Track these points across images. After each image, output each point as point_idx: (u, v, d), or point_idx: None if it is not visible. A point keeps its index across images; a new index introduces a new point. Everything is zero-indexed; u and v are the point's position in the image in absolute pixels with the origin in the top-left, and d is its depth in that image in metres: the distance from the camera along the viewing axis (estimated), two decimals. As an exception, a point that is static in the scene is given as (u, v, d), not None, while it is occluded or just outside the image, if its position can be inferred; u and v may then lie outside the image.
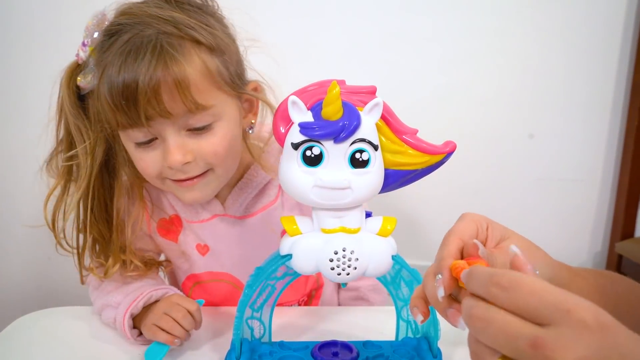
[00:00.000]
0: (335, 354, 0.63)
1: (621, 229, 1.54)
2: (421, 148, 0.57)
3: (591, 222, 1.61)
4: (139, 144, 0.65)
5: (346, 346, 0.64)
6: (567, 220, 1.59)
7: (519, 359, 0.32)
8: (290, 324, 0.75)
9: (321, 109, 0.54)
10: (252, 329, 0.63)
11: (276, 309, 0.64)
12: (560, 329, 0.31)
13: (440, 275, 0.42)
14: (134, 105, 0.60)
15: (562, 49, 1.44)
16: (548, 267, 0.52)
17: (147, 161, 0.66)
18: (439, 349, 0.63)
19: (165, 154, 0.64)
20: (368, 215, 0.60)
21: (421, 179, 0.60)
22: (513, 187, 1.54)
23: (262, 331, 0.64)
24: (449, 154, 0.58)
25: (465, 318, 0.36)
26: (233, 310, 0.63)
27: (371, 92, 0.57)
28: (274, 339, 0.65)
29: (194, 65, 0.63)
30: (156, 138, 0.65)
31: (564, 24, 1.42)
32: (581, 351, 0.30)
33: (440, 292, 0.41)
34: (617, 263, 1.55)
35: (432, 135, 0.59)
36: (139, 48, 0.61)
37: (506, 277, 0.34)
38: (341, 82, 0.56)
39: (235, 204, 0.78)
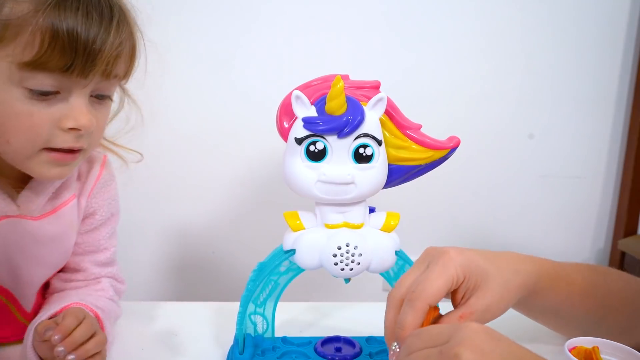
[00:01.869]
0: (339, 350, 0.63)
1: (624, 226, 1.54)
2: (425, 143, 0.57)
3: (594, 219, 1.61)
4: (38, 94, 0.52)
5: (349, 342, 0.64)
6: (570, 217, 1.58)
7: None
8: (293, 319, 0.75)
9: (325, 103, 0.54)
10: (255, 324, 0.63)
11: (279, 304, 0.64)
12: (458, 335, 0.38)
13: (396, 345, 0.46)
14: (91, 52, 0.51)
15: (565, 45, 1.43)
16: (533, 274, 0.54)
17: (42, 117, 0.52)
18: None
19: (73, 114, 0.53)
20: (371, 210, 0.60)
21: (425, 174, 0.60)
22: (516, 184, 1.53)
23: (265, 326, 0.64)
24: (453, 149, 0.58)
25: None
26: (236, 305, 0.63)
27: (375, 87, 0.57)
28: (277, 335, 0.65)
29: (137, 39, 0.59)
30: (58, 92, 0.53)
31: (567, 20, 1.41)
32: (477, 342, 0.37)
33: None
34: (620, 260, 1.55)
35: (434, 133, 0.59)
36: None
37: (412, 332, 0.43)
38: (345, 77, 0.56)
39: (32, 203, 0.61)
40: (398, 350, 0.46)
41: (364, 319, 0.75)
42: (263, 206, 1.29)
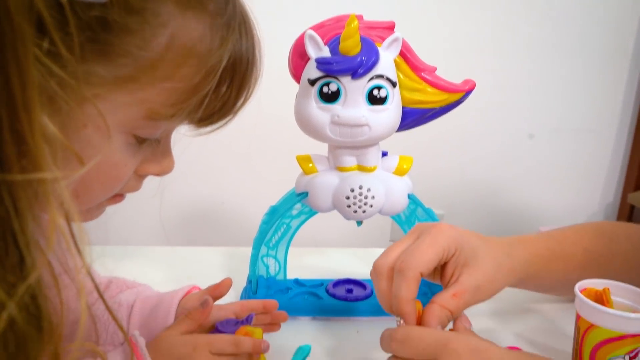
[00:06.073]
0: (350, 291, 0.64)
1: (634, 180, 1.53)
2: (440, 86, 0.56)
3: (605, 173, 1.60)
4: (138, 143, 0.37)
5: (360, 284, 0.65)
6: (581, 171, 1.58)
7: None
8: (304, 264, 0.76)
9: (339, 43, 0.53)
10: (267, 267, 0.64)
11: (290, 249, 0.65)
12: None
13: (400, 319, 0.46)
14: (240, 88, 0.37)
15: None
16: (524, 261, 0.53)
17: (130, 167, 0.38)
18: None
19: (161, 160, 0.40)
20: (384, 154, 0.59)
21: (437, 119, 0.59)
22: (527, 138, 1.52)
23: (277, 269, 0.65)
24: (468, 92, 0.57)
25: None
26: (247, 251, 0.63)
27: (390, 27, 0.56)
28: (288, 277, 0.66)
29: None
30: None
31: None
32: None
33: None
34: (629, 214, 1.55)
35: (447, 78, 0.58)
36: (247, 18, 0.38)
37: (399, 332, 0.42)
38: (359, 17, 0.55)
39: None
40: (401, 322, 0.45)
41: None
42: (273, 155, 1.28)
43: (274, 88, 0.98)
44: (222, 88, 0.35)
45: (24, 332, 0.26)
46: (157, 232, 1.35)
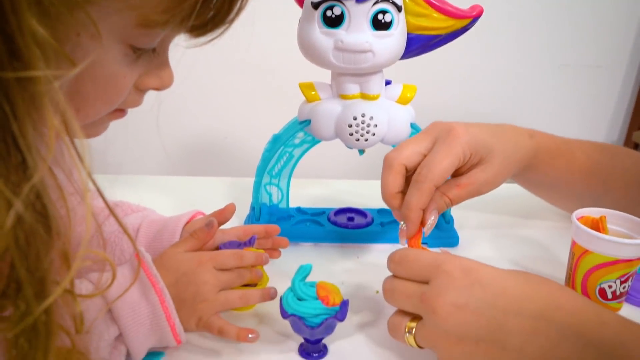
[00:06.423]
0: (351, 219, 0.65)
1: (641, 118, 1.52)
2: (446, 11, 0.55)
3: (611, 110, 1.58)
4: (135, 54, 0.36)
5: (361, 212, 0.66)
6: (587, 107, 1.56)
7: (418, 312, 0.41)
8: (306, 193, 0.77)
9: (343, -35, 0.51)
10: (270, 195, 0.65)
11: (293, 180, 0.65)
12: (435, 282, 0.40)
13: (403, 224, 0.49)
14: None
15: None
16: (531, 149, 0.56)
17: (131, 78, 0.38)
18: (451, 215, 0.65)
19: (160, 73, 0.40)
20: (387, 83, 0.59)
21: (444, 45, 0.58)
22: (535, 72, 1.49)
23: (280, 197, 0.66)
24: (475, 18, 0.56)
25: (383, 293, 0.44)
26: (248, 181, 0.64)
27: (396, -52, 0.54)
28: (291, 206, 0.67)
29: None
30: (154, 48, 0.39)
31: None
32: (452, 295, 0.39)
33: (402, 240, 0.50)
34: (632, 151, 1.55)
35: None
36: None
37: (397, 254, 0.44)
38: (364, -63, 0.53)
39: None
40: (405, 228, 0.49)
41: (376, 194, 0.77)
42: (277, 86, 1.27)
43: (277, 16, 0.95)
44: None
45: (33, 229, 0.27)
46: (161, 164, 1.36)
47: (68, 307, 0.32)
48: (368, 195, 0.77)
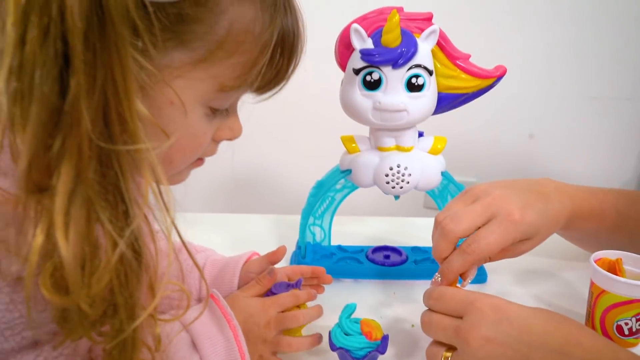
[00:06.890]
0: (387, 257, 0.71)
1: (671, 149, 1.53)
2: (473, 72, 0.62)
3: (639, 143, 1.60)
4: (213, 114, 0.44)
5: (396, 250, 0.72)
6: (617, 139, 1.58)
7: (452, 343, 0.47)
8: (346, 230, 0.83)
9: (381, 36, 0.58)
10: (314, 234, 0.72)
11: (334, 218, 0.72)
12: (468, 317, 0.46)
13: (439, 276, 0.54)
14: (290, 58, 0.44)
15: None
16: (567, 211, 0.59)
17: (208, 135, 0.45)
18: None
19: (232, 125, 0.47)
20: (420, 134, 0.65)
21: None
22: (564, 104, 1.53)
23: (322, 236, 0.73)
24: (499, 77, 0.62)
25: (421, 324, 0.50)
26: (295, 219, 0.71)
27: (428, 18, 0.61)
28: (332, 244, 0.74)
29: None
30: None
31: None
32: (483, 330, 0.44)
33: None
34: (663, 183, 1.56)
35: (481, 59, 0.63)
36: None
37: (435, 292, 0.50)
38: (399, 9, 0.60)
39: None
40: (439, 280, 0.53)
41: (409, 231, 0.83)
42: (318, 134, 1.34)
43: (322, 78, 1.03)
44: (275, 59, 0.42)
45: (130, 264, 0.35)
46: (207, 200, 1.45)
47: (151, 329, 0.39)
48: (401, 232, 0.83)
